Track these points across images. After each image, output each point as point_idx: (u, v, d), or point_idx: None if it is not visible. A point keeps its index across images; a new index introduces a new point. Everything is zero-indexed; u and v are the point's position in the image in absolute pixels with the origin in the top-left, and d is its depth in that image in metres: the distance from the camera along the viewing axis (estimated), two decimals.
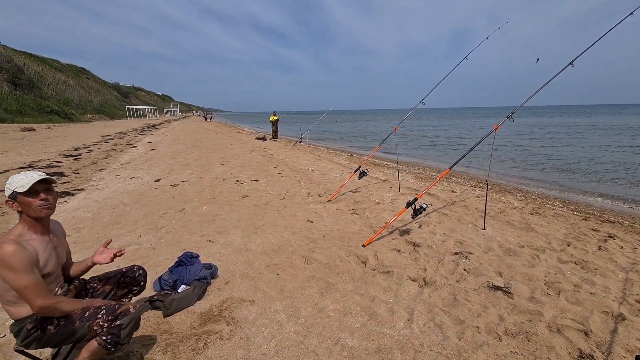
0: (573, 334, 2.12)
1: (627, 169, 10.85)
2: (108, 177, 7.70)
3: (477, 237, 3.75)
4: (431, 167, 11.71)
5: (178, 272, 2.70)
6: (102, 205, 5.28)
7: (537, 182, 9.37)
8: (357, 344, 2.06)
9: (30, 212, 1.58)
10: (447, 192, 6.24)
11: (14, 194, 1.54)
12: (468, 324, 2.22)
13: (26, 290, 1.48)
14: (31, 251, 1.54)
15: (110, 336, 1.59)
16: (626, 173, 10.30)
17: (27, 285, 1.47)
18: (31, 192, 1.55)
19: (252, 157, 10.64)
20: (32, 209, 1.58)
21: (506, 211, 4.95)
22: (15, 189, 1.53)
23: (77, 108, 35.68)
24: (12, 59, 30.87)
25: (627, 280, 2.85)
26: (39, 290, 1.51)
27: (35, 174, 1.57)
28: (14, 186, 1.53)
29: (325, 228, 4.15)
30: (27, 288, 1.48)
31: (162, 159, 10.21)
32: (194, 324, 2.30)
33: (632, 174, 10.10)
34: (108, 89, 58.51)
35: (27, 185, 1.52)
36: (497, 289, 2.64)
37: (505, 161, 12.91)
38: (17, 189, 1.52)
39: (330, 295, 2.62)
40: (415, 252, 3.38)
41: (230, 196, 5.68)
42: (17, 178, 1.55)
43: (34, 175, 1.56)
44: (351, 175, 5.87)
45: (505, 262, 3.12)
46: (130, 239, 3.84)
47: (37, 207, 1.58)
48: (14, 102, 25.02)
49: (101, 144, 14.74)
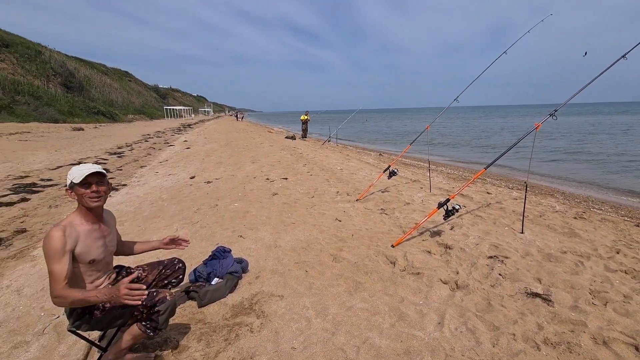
0: (621, 348, 1.97)
1: None
2: (148, 173, 8.16)
3: (514, 241, 3.57)
4: (464, 167, 11.29)
5: (212, 265, 2.82)
6: (143, 200, 5.61)
7: (582, 184, 8.74)
8: (386, 344, 2.05)
9: (83, 201, 1.71)
10: (482, 193, 5.99)
11: (71, 184, 1.67)
12: (503, 331, 2.13)
13: (49, 275, 1.57)
14: (71, 239, 1.64)
15: (149, 322, 1.69)
16: None
17: (51, 271, 1.57)
18: (85, 183, 1.67)
19: (282, 155, 10.82)
20: (85, 199, 1.70)
21: (547, 215, 4.67)
22: (72, 179, 1.66)
23: (121, 109, 38.10)
24: (65, 64, 33.52)
25: None
26: (59, 280, 1.56)
27: (90, 167, 1.70)
28: (71, 177, 1.66)
29: (353, 227, 4.14)
30: (50, 274, 1.57)
31: (196, 157, 10.65)
32: (226, 316, 2.39)
33: None
34: (148, 90, 61.97)
35: (81, 176, 1.65)
36: (535, 296, 2.50)
37: (547, 162, 12.16)
38: (74, 180, 1.66)
39: (358, 294, 2.62)
40: (447, 255, 3.29)
41: (260, 194, 5.82)
42: (75, 170, 1.68)
43: (88, 168, 1.69)
44: (380, 175, 5.80)
45: (545, 268, 2.94)
46: (167, 232, 4.05)
47: (88, 198, 1.70)
48: (65, 103, 27.16)
49: (142, 142, 15.64)
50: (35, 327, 2.31)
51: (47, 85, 28.38)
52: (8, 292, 2.80)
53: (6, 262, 3.37)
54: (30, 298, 2.69)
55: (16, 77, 25.14)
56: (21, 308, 2.55)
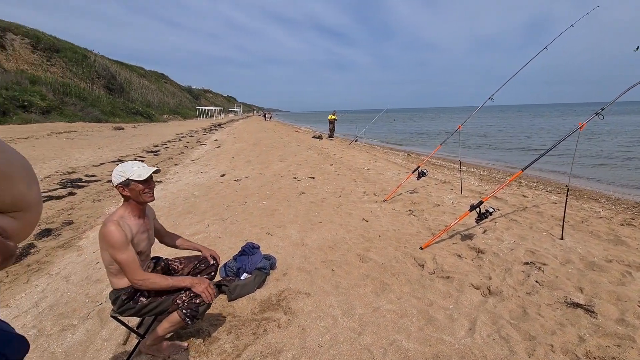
0: None
1: None
2: (181, 171, 8.52)
3: (553, 247, 3.37)
4: (499, 169, 10.80)
5: (241, 260, 2.90)
6: (176, 197, 5.87)
7: (631, 189, 8.09)
8: (414, 348, 2.01)
9: (138, 197, 1.82)
10: (518, 196, 5.70)
11: (127, 181, 1.77)
12: (540, 341, 2.02)
13: (123, 264, 1.71)
14: (127, 231, 1.78)
15: (189, 310, 1.78)
16: None
17: (123, 260, 1.70)
18: (144, 180, 1.79)
19: (309, 155, 10.90)
20: (142, 195, 1.81)
21: (590, 220, 4.37)
22: (130, 176, 1.75)
23: (157, 109, 40.06)
24: (108, 67, 35.77)
25: None
26: (133, 265, 1.73)
27: (145, 166, 1.82)
28: (128, 174, 1.75)
29: (381, 228, 4.09)
30: (124, 262, 1.70)
31: (226, 156, 10.97)
32: (255, 310, 2.45)
33: None
34: (182, 91, 64.70)
35: (144, 175, 1.76)
36: (576, 306, 2.35)
37: (592, 164, 11.36)
38: (133, 177, 1.75)
39: (385, 296, 2.59)
40: (479, 259, 3.17)
41: (288, 192, 5.90)
42: (131, 167, 1.77)
43: (145, 167, 1.80)
44: (409, 175, 5.69)
45: (587, 277, 2.76)
46: (199, 228, 4.22)
47: (144, 194, 1.82)
48: (108, 104, 28.98)
49: (175, 141, 16.35)
50: (81, 312, 2.50)
51: (91, 88, 30.41)
52: (57, 278, 3.04)
53: (56, 251, 3.66)
54: (76, 285, 2.90)
55: (65, 80, 27.17)
56: (69, 294, 2.76)
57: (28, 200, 0.71)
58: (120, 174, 1.77)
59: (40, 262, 3.36)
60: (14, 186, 0.65)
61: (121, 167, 1.80)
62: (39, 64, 26.80)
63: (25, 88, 20.67)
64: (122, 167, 1.79)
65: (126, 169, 1.78)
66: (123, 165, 1.80)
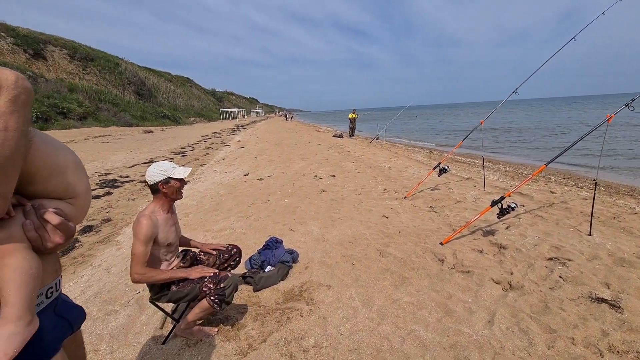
0: None
1: None
2: (207, 171, 8.87)
3: (580, 243, 3.29)
4: (525, 164, 10.43)
5: (265, 254, 3.05)
6: (203, 195, 6.15)
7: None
8: (431, 338, 2.07)
9: (174, 194, 2.01)
10: (545, 192, 5.53)
11: (168, 179, 1.96)
12: (561, 334, 2.02)
13: (134, 255, 1.87)
14: (155, 226, 1.94)
15: (217, 296, 1.94)
16: None
17: (137, 252, 1.86)
18: (181, 179, 1.99)
19: (330, 154, 11.00)
20: (177, 192, 2.02)
21: (623, 216, 4.19)
22: (171, 175, 1.95)
23: (183, 112, 41.56)
24: (137, 74, 37.50)
25: None
26: (141, 260, 1.87)
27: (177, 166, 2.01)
28: (169, 173, 1.95)
29: (401, 224, 4.13)
30: (136, 253, 1.86)
31: (249, 156, 11.29)
32: (278, 300, 2.59)
33: None
34: (206, 94, 66.67)
35: (184, 174, 1.98)
36: (601, 301, 2.31)
37: (626, 158, 10.72)
38: (174, 175, 1.95)
39: (404, 289, 2.65)
40: (500, 255, 3.15)
41: (309, 190, 6.03)
42: (170, 167, 1.97)
43: (181, 167, 2.01)
44: (430, 172, 5.66)
45: (615, 273, 2.69)
46: (225, 224, 4.43)
47: (179, 192, 2.03)
48: (138, 109, 30.42)
49: (201, 143, 16.95)
50: (122, 300, 2.73)
51: (123, 94, 32.03)
52: (100, 270, 3.32)
53: (97, 245, 3.98)
54: (117, 275, 3.16)
55: (99, 87, 28.79)
56: (110, 283, 3.02)
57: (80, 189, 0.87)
58: (162, 172, 1.96)
59: (84, 255, 3.67)
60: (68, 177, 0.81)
61: (160, 165, 1.98)
62: (75, 73, 28.57)
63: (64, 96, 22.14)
64: (162, 166, 1.98)
65: (167, 168, 1.97)
66: (161, 165, 1.99)
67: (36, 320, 0.69)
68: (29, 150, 0.66)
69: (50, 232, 0.71)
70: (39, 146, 0.70)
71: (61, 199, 0.79)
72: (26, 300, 0.65)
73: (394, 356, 1.94)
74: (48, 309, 0.79)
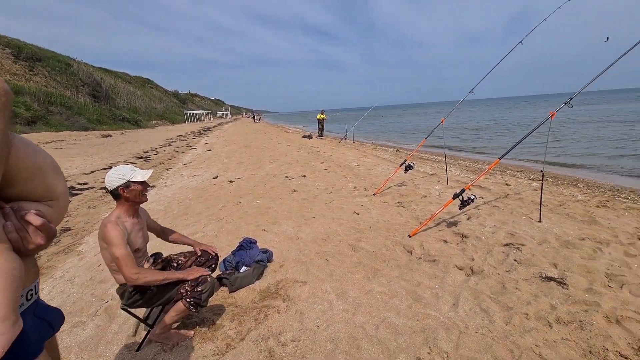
0: (635, 326, 2.03)
1: None
2: (173, 175, 8.59)
3: (531, 229, 3.61)
4: (483, 160, 11.13)
5: (239, 255, 3.06)
6: (171, 200, 5.97)
7: (608, 173, 8.47)
8: (403, 323, 2.20)
9: (137, 198, 1.96)
10: (500, 185, 5.97)
11: (128, 182, 1.90)
12: (516, 311, 2.23)
13: (119, 260, 1.82)
14: (124, 230, 1.91)
15: (193, 299, 1.93)
16: None
17: (120, 256, 1.81)
18: (142, 182, 1.94)
19: (300, 154, 11.06)
20: (139, 196, 1.96)
21: (567, 204, 4.64)
22: (131, 178, 1.90)
23: (144, 115, 39.61)
24: (92, 74, 35.22)
25: None
26: (129, 261, 1.83)
27: (138, 169, 1.96)
28: (128, 176, 1.90)
29: (371, 220, 4.28)
30: (120, 258, 1.81)
31: (218, 159, 11.05)
32: (255, 299, 2.61)
33: None
34: (168, 96, 64.03)
35: (144, 176, 1.92)
36: (550, 280, 2.58)
37: (571, 152, 11.78)
38: (133, 179, 1.90)
39: (376, 280, 2.78)
40: (463, 243, 3.38)
41: (280, 191, 6.05)
42: (129, 170, 1.92)
43: (139, 170, 1.95)
44: (397, 169, 5.89)
45: (561, 254, 2.99)
46: (196, 228, 4.34)
47: (142, 194, 1.98)
48: (94, 112, 28.58)
49: (165, 146, 16.31)
50: (89, 310, 2.62)
51: (76, 96, 29.95)
52: (62, 281, 3.14)
53: (56, 257, 3.75)
54: (81, 286, 3.01)
55: (49, 89, 26.69)
56: (75, 294, 2.87)
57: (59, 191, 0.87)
58: (120, 176, 1.91)
59: (43, 268, 3.45)
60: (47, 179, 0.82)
61: (119, 170, 1.93)
62: (21, 74, 26.27)
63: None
64: (121, 170, 1.93)
65: (125, 172, 1.92)
66: (119, 169, 1.94)
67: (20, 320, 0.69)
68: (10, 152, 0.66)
69: (32, 234, 0.71)
70: (19, 148, 0.70)
71: (39, 201, 0.80)
72: (10, 301, 0.66)
73: (369, 343, 2.04)
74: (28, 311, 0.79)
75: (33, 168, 0.75)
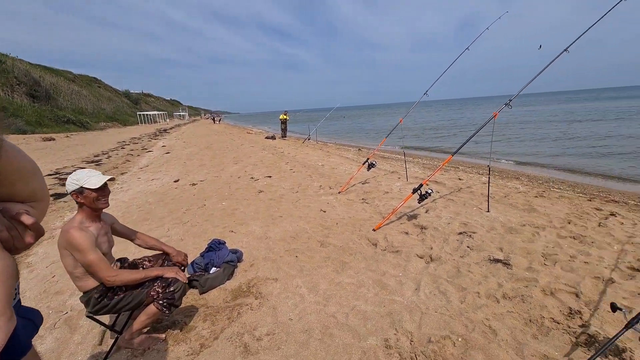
0: (565, 296, 2.36)
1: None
2: (130, 180, 8.14)
3: (481, 218, 3.98)
4: (439, 157, 11.86)
5: (208, 256, 3.04)
6: (129, 205, 5.69)
7: (546, 167, 9.45)
8: (371, 309, 2.36)
9: (92, 204, 1.89)
10: (454, 179, 6.44)
11: (81, 189, 1.84)
12: (469, 291, 2.49)
13: (93, 265, 1.79)
14: (91, 234, 1.87)
15: (165, 300, 1.92)
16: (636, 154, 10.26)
17: (93, 261, 1.78)
18: (98, 189, 1.87)
19: (264, 155, 11.00)
20: (95, 202, 1.89)
21: (511, 195, 5.15)
22: (84, 184, 1.83)
23: (92, 117, 36.76)
24: (29, 72, 32.00)
25: (622, 251, 3.05)
26: (103, 264, 1.82)
27: (99, 174, 1.90)
28: (82, 182, 1.83)
29: (337, 216, 4.44)
30: (93, 263, 1.79)
31: (178, 161, 10.65)
32: (227, 299, 2.63)
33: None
34: (119, 96, 59.96)
35: (98, 183, 1.84)
36: (497, 262, 2.89)
37: (516, 149, 12.94)
38: (86, 185, 1.83)
39: (345, 272, 2.92)
40: (422, 234, 3.65)
41: (246, 192, 6.02)
42: (85, 175, 1.85)
43: (99, 175, 1.89)
44: (360, 168, 6.13)
45: (506, 239, 3.35)
46: (159, 233, 4.21)
47: (98, 201, 1.90)
48: (33, 113, 26.01)
49: (118, 150, 15.33)
50: (46, 324, 2.47)
51: (12, 96, 27.07)
52: None
53: None
54: (34, 300, 2.82)
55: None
56: None
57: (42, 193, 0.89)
58: (74, 182, 1.85)
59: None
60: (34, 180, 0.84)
61: (76, 174, 1.87)
62: None
63: None
64: (77, 175, 1.87)
65: (80, 177, 1.85)
66: (77, 173, 1.88)
67: (14, 316, 0.72)
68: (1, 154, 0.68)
69: (22, 233, 0.73)
70: (7, 150, 0.72)
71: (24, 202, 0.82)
72: (5, 297, 0.68)
73: (340, 330, 2.16)
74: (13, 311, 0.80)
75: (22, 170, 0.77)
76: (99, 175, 1.89)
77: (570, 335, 1.97)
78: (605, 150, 11.33)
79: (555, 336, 1.98)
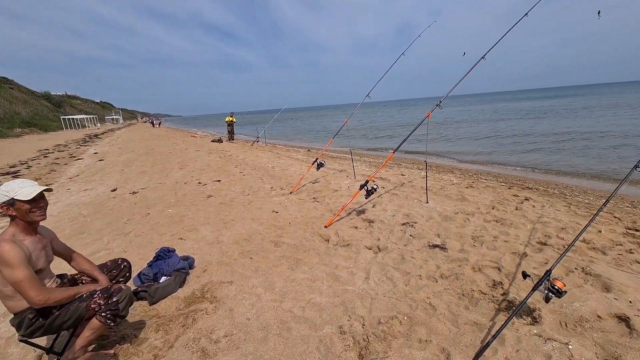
0: (490, 271, 2.73)
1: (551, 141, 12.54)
2: (57, 191, 7.34)
3: (421, 209, 4.36)
4: (383, 155, 12.55)
5: (157, 265, 2.92)
6: (60, 219, 5.16)
7: (476, 162, 10.53)
8: (325, 301, 2.48)
9: (26, 217, 1.74)
10: (397, 175, 6.91)
11: (12, 200, 1.69)
12: (412, 274, 2.75)
13: (21, 283, 1.63)
14: (24, 249, 1.72)
15: (109, 312, 1.82)
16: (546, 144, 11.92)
17: (22, 279, 1.63)
18: (31, 200, 1.72)
19: (211, 159, 10.64)
20: (29, 215, 1.74)
21: (446, 187, 5.69)
22: (15, 196, 1.68)
23: (3, 122, 32.04)
24: None
25: (533, 229, 3.59)
26: (33, 283, 1.66)
27: (34, 184, 1.75)
28: (12, 194, 1.68)
29: (290, 216, 4.52)
30: (22, 281, 1.63)
31: (114, 169, 9.83)
32: (180, 307, 2.57)
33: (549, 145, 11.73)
34: (37, 99, 52.91)
35: (30, 195, 1.69)
36: (435, 247, 3.21)
37: (449, 145, 14.19)
38: (18, 197, 1.68)
39: (299, 269, 3.02)
40: (370, 227, 3.89)
41: (194, 197, 5.82)
42: (16, 186, 1.69)
43: (33, 186, 1.74)
44: (309, 167, 6.28)
45: (442, 226, 3.73)
46: (98, 246, 3.90)
47: (32, 214, 1.76)
48: None
49: (40, 159, 13.62)
50: None
51: None
52: None
53: None
54: None
55: None
56: None
57: None
58: (5, 193, 1.70)
59: None
60: None
61: (6, 186, 1.72)
62: None
63: None
64: (9, 186, 1.72)
65: (11, 188, 1.71)
66: (8, 184, 1.73)
67: None
68: None
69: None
70: None
71: None
72: None
73: (297, 323, 2.26)
74: None
75: None
76: (34, 186, 1.75)
77: (494, 303, 2.30)
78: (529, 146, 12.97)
79: (482, 305, 2.29)
